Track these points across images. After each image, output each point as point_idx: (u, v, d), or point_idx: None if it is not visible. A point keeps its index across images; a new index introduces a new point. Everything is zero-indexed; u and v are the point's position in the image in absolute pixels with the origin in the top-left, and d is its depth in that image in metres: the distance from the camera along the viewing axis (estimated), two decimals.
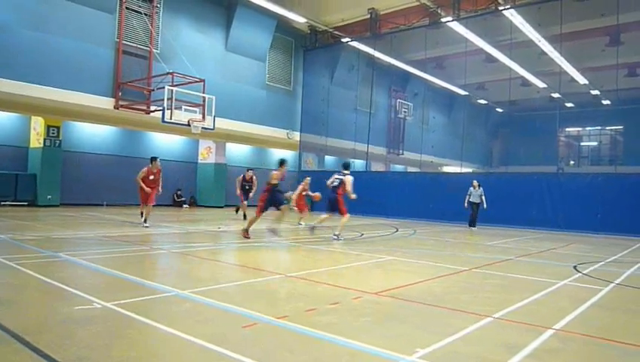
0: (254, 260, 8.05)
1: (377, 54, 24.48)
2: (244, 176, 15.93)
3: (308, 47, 25.72)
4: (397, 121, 31.03)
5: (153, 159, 12.51)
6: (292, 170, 27.41)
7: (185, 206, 23.16)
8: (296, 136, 25.36)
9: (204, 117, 17.08)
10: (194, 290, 5.16)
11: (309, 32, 25.27)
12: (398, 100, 30.77)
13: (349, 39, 24.46)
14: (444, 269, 7.42)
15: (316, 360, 3.30)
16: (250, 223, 10.76)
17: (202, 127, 17.25)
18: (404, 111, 30.92)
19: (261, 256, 8.48)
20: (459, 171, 25.57)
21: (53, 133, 18.39)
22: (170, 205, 22.83)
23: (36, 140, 18.45)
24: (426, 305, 4.95)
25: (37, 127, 18.43)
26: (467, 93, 31.38)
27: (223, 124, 20.01)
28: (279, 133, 24.40)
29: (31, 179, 18.09)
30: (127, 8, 18.24)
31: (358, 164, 27.76)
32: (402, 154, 30.86)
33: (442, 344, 3.66)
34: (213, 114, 17.29)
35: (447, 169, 32.89)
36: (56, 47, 16.35)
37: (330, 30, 24.72)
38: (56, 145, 18.53)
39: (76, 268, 6.46)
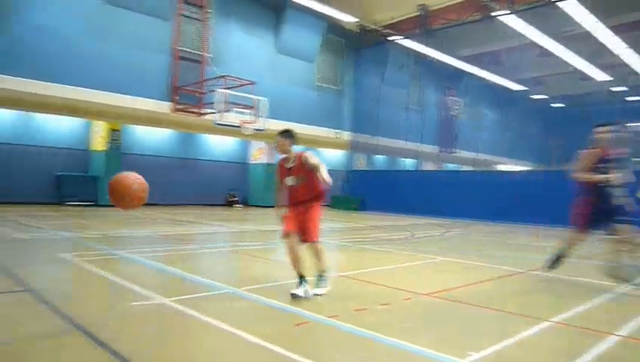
0: (305, 259, 8.12)
1: (428, 51, 24.08)
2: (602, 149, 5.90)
3: (358, 46, 25.66)
4: (449, 118, 30.41)
5: (282, 134, 5.08)
6: (342, 170, 27.52)
7: (237, 206, 23.69)
8: (345, 135, 25.37)
9: (255, 119, 17.42)
10: (247, 288, 5.27)
11: (358, 31, 25.20)
12: (450, 98, 30.14)
13: (399, 37, 24.20)
14: (499, 271, 7.20)
15: (366, 360, 3.30)
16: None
17: (253, 129, 17.60)
18: (456, 109, 30.26)
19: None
20: (515, 169, 24.73)
21: (113, 137, 19.29)
22: (223, 205, 23.42)
23: (98, 143, 19.43)
24: (480, 308, 4.82)
25: (99, 130, 19.40)
26: (522, 89, 30.28)
27: (274, 125, 20.30)
28: (328, 133, 24.50)
29: (93, 181, 19.07)
30: (181, 15, 18.95)
31: (408, 163, 27.43)
32: (454, 152, 30.21)
33: (496, 348, 3.56)
34: (264, 115, 17.60)
35: (501, 167, 31.88)
36: (117, 54, 17.27)
37: (380, 29, 24.55)
38: (117, 148, 19.43)
39: (134, 265, 6.75)
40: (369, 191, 23.85)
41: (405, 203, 21.10)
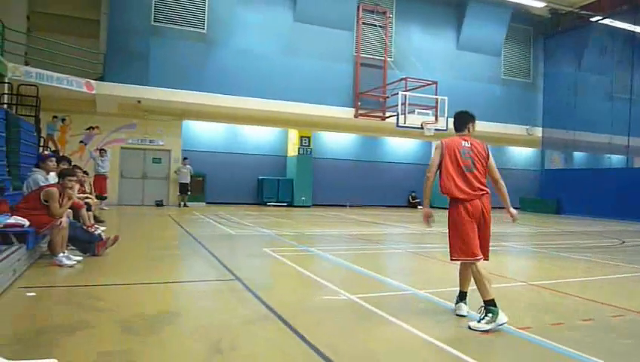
0: (493, 265, 7.69)
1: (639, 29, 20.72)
2: None
3: (549, 33, 23.40)
4: None
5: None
6: (533, 170, 25.35)
7: (420, 207, 23.58)
8: (537, 131, 23.31)
9: (436, 118, 17.18)
10: (430, 291, 5.24)
11: (549, 16, 22.97)
12: None
13: (601, 17, 21.32)
14: None
15: None
16: None
17: (435, 129, 17.35)
18: None
19: (501, 261, 8.05)
20: None
21: (305, 143, 20.96)
22: (405, 206, 23.55)
23: (292, 150, 21.32)
24: None
25: (293, 138, 21.31)
26: None
27: None
28: (517, 129, 22.81)
29: (289, 183, 21.01)
30: (363, 23, 19.81)
31: (615, 160, 24.03)
32: None
33: None
34: (445, 115, 17.22)
35: None
36: (305, 67, 18.91)
37: (576, 10, 21.98)
38: (308, 153, 21.06)
39: (324, 262, 7.26)
40: (565, 193, 21.52)
41: (612, 206, 18.49)
